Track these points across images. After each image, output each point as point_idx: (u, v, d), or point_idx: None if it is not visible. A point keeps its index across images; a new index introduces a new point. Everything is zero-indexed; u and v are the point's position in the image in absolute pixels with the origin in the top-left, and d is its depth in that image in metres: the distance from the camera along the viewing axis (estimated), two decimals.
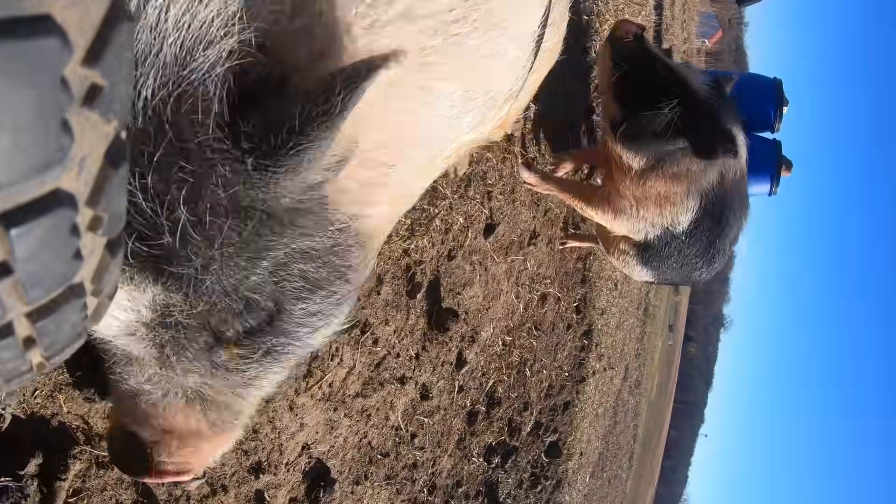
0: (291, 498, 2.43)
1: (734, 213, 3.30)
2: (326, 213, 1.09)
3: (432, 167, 1.45)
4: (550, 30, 1.70)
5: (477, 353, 3.64)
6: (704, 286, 65.21)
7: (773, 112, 5.84)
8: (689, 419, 74.72)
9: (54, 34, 0.40)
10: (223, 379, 1.14)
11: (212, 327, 1.05)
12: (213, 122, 0.88)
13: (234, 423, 1.26)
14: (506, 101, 1.55)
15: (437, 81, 1.22)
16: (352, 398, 2.64)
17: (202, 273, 0.96)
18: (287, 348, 1.18)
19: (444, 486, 3.55)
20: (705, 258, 3.52)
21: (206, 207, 0.90)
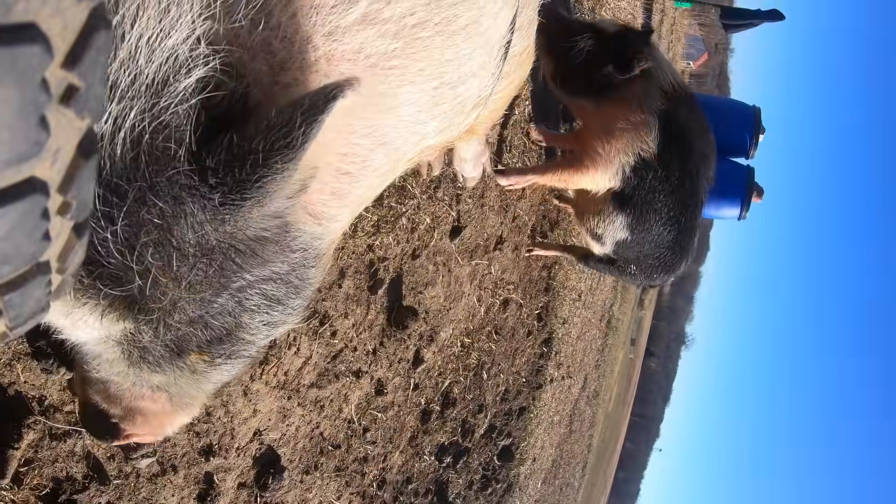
0: (240, 483, 2.45)
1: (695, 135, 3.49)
2: (289, 239, 1.12)
3: (394, 169, 1.43)
4: (518, 34, 1.68)
5: (434, 353, 3.67)
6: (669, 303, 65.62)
7: (749, 139, 5.95)
8: (644, 433, 75.17)
9: (38, 41, 0.45)
10: (187, 379, 1.19)
11: (176, 345, 1.10)
12: (185, 156, 0.90)
13: (193, 403, 1.31)
14: (474, 107, 1.54)
15: (400, 86, 1.21)
16: (306, 388, 2.66)
17: (170, 310, 1.01)
18: (245, 352, 1.24)
19: (394, 482, 3.57)
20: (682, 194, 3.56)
21: (175, 251, 0.94)
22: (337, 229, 1.31)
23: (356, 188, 1.27)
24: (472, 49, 1.32)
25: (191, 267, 0.97)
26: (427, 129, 1.37)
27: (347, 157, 1.20)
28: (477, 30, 1.30)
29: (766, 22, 9.94)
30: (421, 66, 1.21)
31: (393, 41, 1.13)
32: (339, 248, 2.70)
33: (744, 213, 5.87)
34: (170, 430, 1.37)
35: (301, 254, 1.17)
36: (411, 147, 1.38)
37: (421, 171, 3.14)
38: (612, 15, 6.31)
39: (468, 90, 1.40)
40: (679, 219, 3.56)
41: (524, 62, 1.95)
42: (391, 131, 1.26)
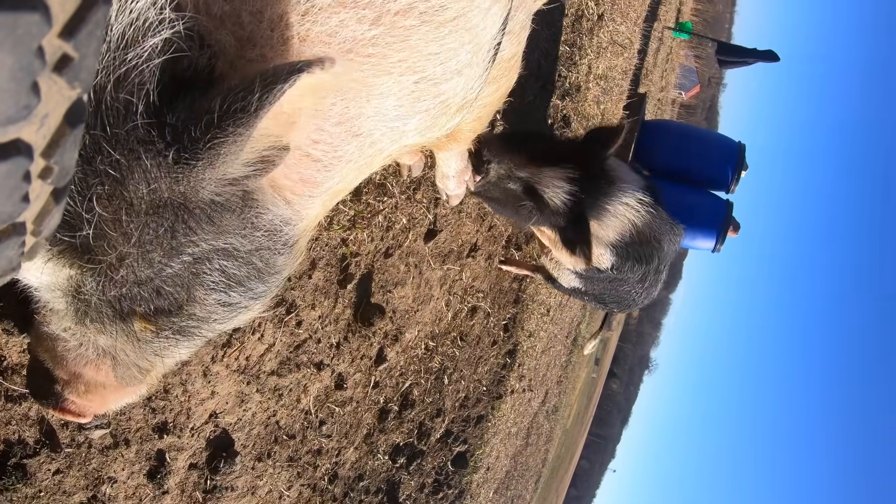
0: (192, 463, 2.45)
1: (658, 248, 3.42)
2: (252, 215, 1.11)
3: (371, 164, 1.40)
4: (508, 38, 1.62)
5: (398, 353, 3.68)
6: (637, 327, 66.11)
7: (732, 174, 6.03)
8: (600, 452, 75.48)
9: (39, 9, 0.47)
10: (133, 346, 1.17)
11: (122, 306, 1.08)
12: (144, 111, 0.90)
13: (140, 379, 1.27)
14: (459, 110, 1.50)
15: (377, 76, 1.18)
16: (266, 375, 2.66)
17: (116, 265, 0.99)
18: (196, 331, 1.21)
19: (346, 478, 3.58)
20: (637, 288, 3.67)
21: (126, 205, 0.93)
22: (309, 217, 1.28)
23: (327, 177, 1.24)
24: (459, 45, 1.28)
25: (141, 223, 0.96)
26: (407, 127, 1.34)
27: (318, 144, 1.18)
28: (465, 24, 1.26)
29: (760, 61, 10.06)
30: (401, 56, 1.18)
31: (372, 27, 1.10)
32: (313, 239, 2.71)
33: (718, 245, 5.94)
34: (112, 407, 1.34)
35: (267, 235, 1.15)
36: (389, 143, 1.35)
37: (402, 172, 3.16)
38: (609, 38, 6.36)
39: (452, 89, 1.37)
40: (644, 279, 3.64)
41: (512, 69, 1.90)
42: (366, 123, 1.24)
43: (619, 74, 7.24)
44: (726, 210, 5.95)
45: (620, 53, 7.04)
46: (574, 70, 5.45)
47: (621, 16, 6.80)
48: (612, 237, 3.20)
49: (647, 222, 3.21)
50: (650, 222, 3.22)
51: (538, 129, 3.29)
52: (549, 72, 5.14)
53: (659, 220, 3.27)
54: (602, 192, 3.06)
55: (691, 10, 22.24)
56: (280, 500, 3.00)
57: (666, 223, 3.35)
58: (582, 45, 5.53)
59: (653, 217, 3.22)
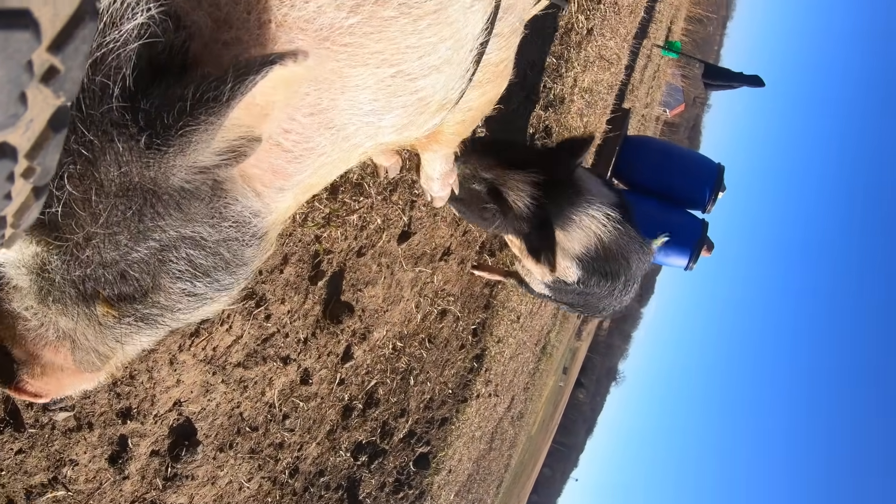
0: (154, 450, 2.47)
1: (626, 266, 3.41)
2: (220, 205, 1.10)
3: (346, 159, 1.38)
4: (496, 41, 1.60)
5: (365, 352, 3.71)
6: (606, 339, 66.41)
7: (709, 194, 6.11)
8: (563, 461, 75.69)
9: (30, 27, 0.51)
10: (93, 330, 1.15)
11: (85, 288, 1.07)
12: (119, 94, 0.90)
13: (98, 365, 1.26)
14: (439, 109, 1.48)
15: (353, 67, 1.16)
16: (233, 366, 2.68)
17: (83, 244, 0.99)
18: (160, 320, 1.20)
19: (307, 473, 3.60)
20: (606, 297, 3.65)
21: (96, 185, 0.94)
22: (279, 211, 1.27)
23: (298, 169, 1.23)
24: (438, 39, 1.26)
25: (110, 204, 0.96)
26: (383, 122, 1.32)
27: (289, 134, 1.17)
28: (444, 18, 1.24)
29: (746, 86, 10.18)
30: (378, 47, 1.17)
31: (350, 15, 1.09)
32: (287, 234, 2.73)
33: (691, 264, 6.01)
34: (69, 391, 1.32)
35: (235, 226, 1.15)
36: (365, 139, 1.34)
37: (379, 173, 3.18)
38: (596, 53, 6.41)
39: (430, 86, 1.35)
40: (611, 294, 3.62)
41: (501, 74, 1.85)
42: (340, 116, 1.22)
43: (605, 89, 7.29)
44: (701, 229, 6.03)
45: (607, 68, 7.09)
46: (559, 82, 5.50)
47: (611, 31, 6.85)
48: (578, 250, 3.19)
49: (615, 238, 3.20)
50: (617, 239, 3.21)
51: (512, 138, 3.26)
52: (534, 82, 5.18)
53: (627, 237, 3.27)
54: (568, 202, 3.06)
55: (682, 29, 22.39)
56: (240, 492, 3.01)
57: (635, 241, 3.34)
58: (569, 58, 5.57)
59: (620, 234, 3.21)
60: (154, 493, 2.52)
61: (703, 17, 26.57)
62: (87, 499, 2.23)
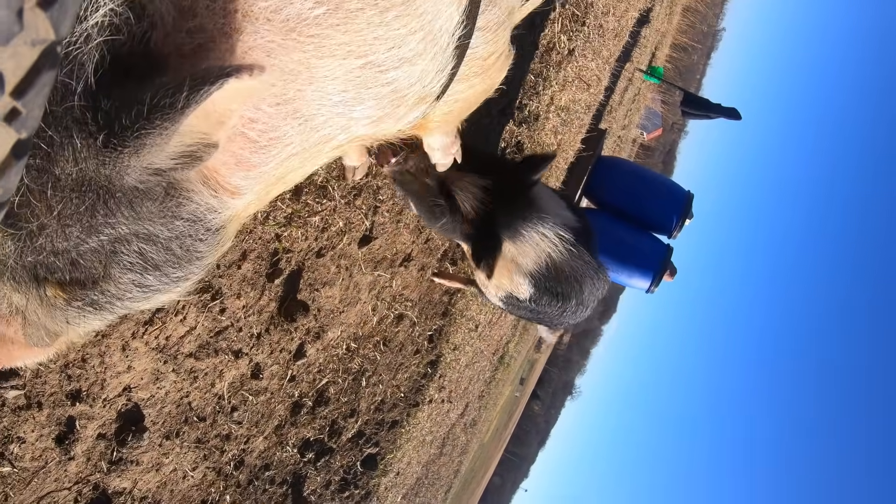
0: (101, 433, 2.50)
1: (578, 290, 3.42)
2: (173, 204, 1.12)
3: (316, 153, 1.37)
4: (482, 35, 1.59)
5: (318, 350, 3.75)
6: (565, 353, 66.64)
7: (676, 220, 6.21)
8: (514, 470, 75.74)
9: None
10: (45, 310, 1.17)
11: (37, 272, 1.09)
12: (81, 92, 0.92)
13: (48, 342, 1.27)
14: (419, 102, 1.46)
15: (320, 58, 1.16)
16: (184, 356, 2.72)
17: (37, 233, 1.01)
18: (108, 306, 1.22)
19: (252, 466, 3.63)
20: (557, 315, 3.66)
21: (53, 178, 0.96)
22: (238, 206, 1.27)
23: (263, 160, 1.23)
24: (407, 32, 1.26)
25: (64, 198, 0.98)
26: (355, 114, 1.32)
27: (255, 123, 1.17)
28: (413, 10, 1.24)
29: (722, 117, 10.33)
30: (345, 39, 1.17)
31: (316, 6, 1.10)
32: (247, 231, 2.76)
33: (653, 287, 6.10)
34: (18, 363, 1.34)
35: (189, 224, 1.16)
36: (337, 130, 1.33)
37: (346, 176, 3.22)
38: (576, 74, 6.47)
39: (404, 77, 1.34)
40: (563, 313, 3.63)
41: (491, 68, 1.83)
42: (307, 106, 1.22)
43: (582, 108, 7.35)
44: (665, 253, 6.12)
45: (586, 89, 7.14)
46: (536, 99, 5.54)
47: (593, 53, 6.91)
48: (530, 266, 3.20)
49: (566, 260, 3.21)
50: (569, 261, 3.22)
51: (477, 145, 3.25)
52: (510, 97, 5.23)
53: (580, 261, 3.29)
54: (520, 215, 3.07)
55: (666, 56, 22.58)
56: (183, 480, 3.04)
57: (589, 266, 3.36)
58: (548, 77, 5.63)
59: (572, 256, 3.23)
60: (98, 475, 2.54)
61: (689, 45, 26.79)
62: (31, 476, 2.26)
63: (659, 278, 6.05)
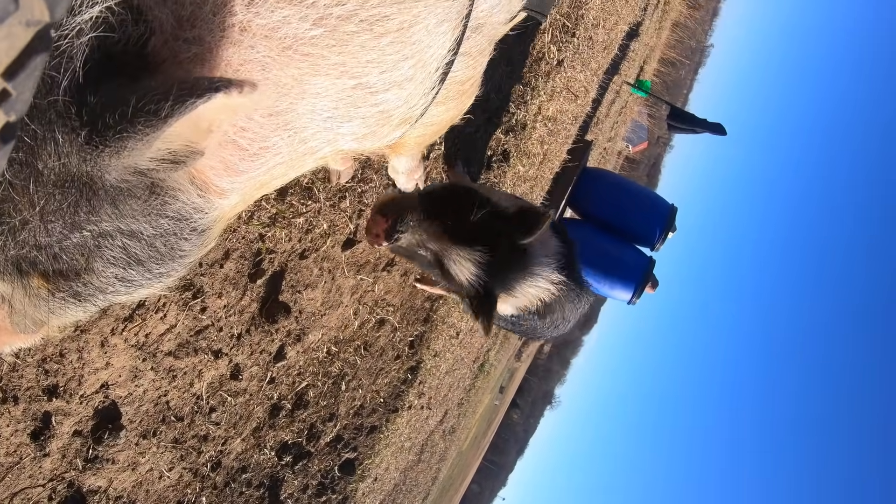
0: (77, 430, 2.48)
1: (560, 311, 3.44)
2: (158, 203, 1.12)
3: (301, 163, 1.39)
4: (463, 60, 1.61)
5: (299, 353, 3.74)
6: (546, 363, 66.78)
7: (660, 233, 6.25)
8: (492, 479, 75.76)
9: None
10: (31, 300, 1.18)
11: (21, 263, 1.09)
12: (67, 86, 0.91)
13: (34, 330, 1.28)
14: (401, 123, 1.50)
15: (314, 76, 1.18)
16: (163, 355, 2.70)
17: (19, 228, 1.01)
18: (91, 298, 1.22)
19: (229, 468, 3.61)
20: (538, 329, 3.68)
21: (36, 173, 0.95)
22: (224, 207, 1.27)
23: (250, 167, 1.25)
24: (399, 57, 1.29)
25: (47, 194, 0.97)
26: (342, 130, 1.35)
27: (245, 132, 1.18)
28: (407, 38, 1.27)
29: (708, 132, 10.40)
30: (339, 59, 1.19)
31: (314, 27, 1.12)
32: (231, 230, 2.75)
33: (635, 298, 6.13)
34: (6, 349, 1.34)
35: (174, 222, 1.16)
36: (323, 143, 1.35)
37: (331, 178, 3.22)
38: (564, 84, 6.49)
39: (392, 100, 1.37)
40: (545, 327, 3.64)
41: (466, 92, 1.85)
42: (298, 119, 1.24)
43: (569, 119, 7.37)
44: (647, 266, 6.16)
45: (574, 100, 7.17)
46: (524, 108, 5.56)
47: (582, 64, 6.94)
48: (521, 304, 3.20)
49: (556, 299, 3.20)
50: (559, 298, 3.21)
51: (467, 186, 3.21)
52: (498, 106, 5.25)
53: (567, 291, 3.28)
54: (513, 274, 3.04)
55: (654, 70, 22.72)
56: (160, 480, 3.02)
57: (573, 292, 3.38)
58: (536, 86, 5.64)
59: (562, 293, 3.21)
60: (73, 473, 2.52)
61: (677, 60, 26.98)
62: (5, 472, 2.24)
63: (641, 290, 6.09)
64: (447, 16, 1.36)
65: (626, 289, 6.11)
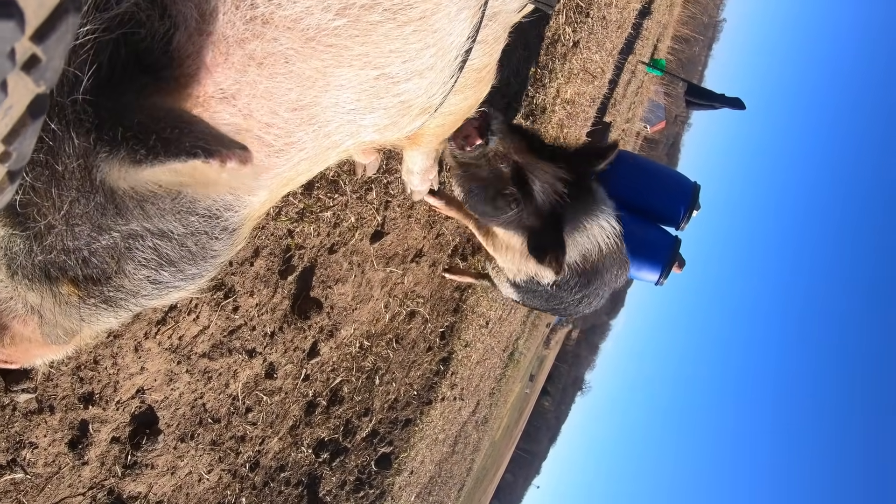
0: (114, 437, 2.46)
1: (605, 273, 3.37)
2: (187, 201, 1.10)
3: (325, 157, 1.38)
4: (480, 48, 1.60)
5: (332, 349, 3.71)
6: (574, 349, 66.76)
7: (684, 212, 6.17)
8: (526, 467, 75.86)
9: (15, 16, 0.53)
10: (60, 308, 1.17)
11: (49, 269, 1.08)
12: (88, 85, 0.90)
13: (65, 340, 1.27)
14: (421, 113, 1.49)
15: (337, 67, 1.17)
16: (198, 357, 2.68)
17: (45, 232, 1.00)
18: (123, 303, 1.20)
19: (268, 467, 3.60)
20: (573, 304, 3.64)
21: (57, 176, 0.94)
22: (253, 203, 1.26)
23: (277, 163, 1.23)
24: (422, 46, 1.28)
25: (71, 197, 0.96)
26: (365, 122, 1.34)
27: (271, 128, 1.17)
28: (429, 26, 1.26)
29: (726, 108, 10.30)
30: (363, 50, 1.18)
31: (337, 17, 1.11)
32: (259, 227, 2.73)
33: (662, 279, 6.07)
34: (36, 362, 1.33)
35: (205, 220, 1.15)
36: (345, 137, 1.34)
37: (356, 171, 3.19)
38: (581, 66, 6.44)
39: (413, 90, 1.37)
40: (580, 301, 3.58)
41: (483, 80, 1.86)
42: (322, 113, 1.23)
43: (587, 101, 7.32)
44: (674, 246, 6.09)
45: (590, 81, 7.12)
46: (542, 91, 5.51)
47: (597, 45, 6.88)
48: (575, 256, 3.13)
49: (611, 251, 3.16)
50: (612, 252, 3.17)
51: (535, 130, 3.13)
52: (517, 90, 5.20)
53: (617, 251, 3.24)
54: (583, 209, 2.96)
55: (668, 48, 22.55)
56: (199, 483, 3.01)
57: (619, 255, 3.33)
58: (553, 69, 5.59)
59: (616, 247, 3.17)
60: (113, 480, 2.51)
61: (690, 37, 26.73)
62: (45, 482, 2.22)
63: (668, 270, 6.02)
64: (467, 3, 1.35)
65: (653, 269, 6.05)
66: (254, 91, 1.08)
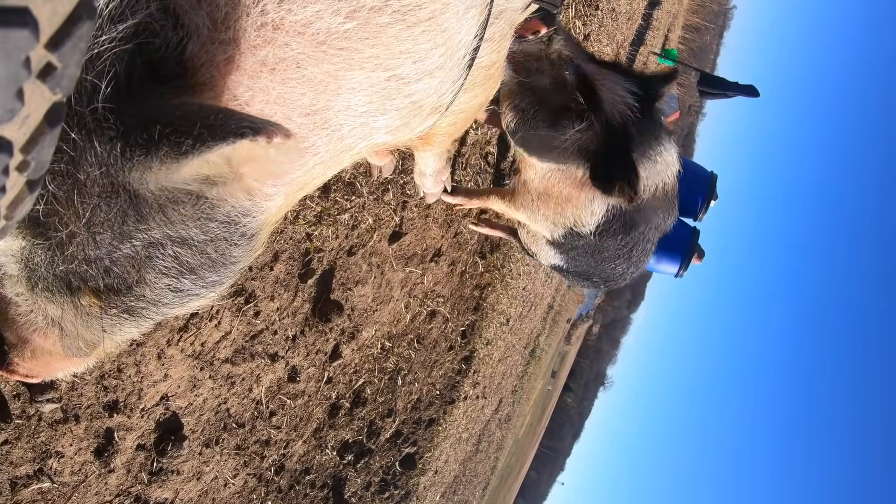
0: (140, 444, 2.48)
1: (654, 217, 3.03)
2: (206, 207, 1.10)
3: (338, 161, 1.37)
4: (487, 46, 1.59)
5: (353, 351, 3.71)
6: (595, 344, 66.51)
7: (701, 202, 6.13)
8: (550, 464, 75.72)
9: (29, 25, 0.52)
10: (81, 319, 1.17)
11: (70, 281, 1.08)
12: (108, 94, 0.90)
13: (86, 352, 1.27)
14: (432, 113, 1.49)
15: (348, 70, 1.17)
16: (220, 362, 2.69)
17: (66, 242, 1.00)
18: (144, 312, 1.20)
19: (293, 470, 3.61)
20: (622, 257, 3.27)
21: (78, 184, 0.94)
22: (270, 209, 1.26)
23: (292, 169, 1.23)
24: (431, 46, 1.28)
25: (92, 205, 0.96)
26: (377, 124, 1.33)
27: None
28: (438, 26, 1.26)
29: (740, 95, 10.24)
30: (373, 52, 1.18)
31: (347, 21, 1.11)
32: (278, 231, 2.73)
33: (682, 271, 6.03)
34: (58, 374, 1.34)
35: (224, 226, 1.14)
36: (358, 139, 1.34)
37: (372, 172, 3.19)
38: None
39: (424, 90, 1.36)
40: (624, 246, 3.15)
41: (491, 77, 1.83)
42: (335, 116, 1.23)
43: None
44: (692, 236, 6.04)
45: None
46: None
47: (608, 37, 6.85)
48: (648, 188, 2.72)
49: (672, 187, 2.82)
50: (669, 192, 2.83)
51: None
52: None
53: (673, 192, 2.90)
54: (652, 134, 2.61)
55: (679, 37, 22.45)
56: (225, 488, 3.02)
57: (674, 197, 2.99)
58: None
59: (672, 188, 2.85)
60: (139, 487, 2.52)
61: (701, 25, 26.59)
62: (71, 491, 2.23)
63: (687, 262, 5.97)
64: (474, 2, 1.35)
65: (672, 262, 6.01)
66: (267, 97, 1.08)
